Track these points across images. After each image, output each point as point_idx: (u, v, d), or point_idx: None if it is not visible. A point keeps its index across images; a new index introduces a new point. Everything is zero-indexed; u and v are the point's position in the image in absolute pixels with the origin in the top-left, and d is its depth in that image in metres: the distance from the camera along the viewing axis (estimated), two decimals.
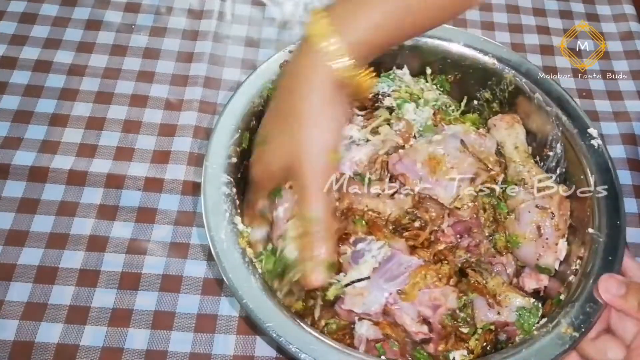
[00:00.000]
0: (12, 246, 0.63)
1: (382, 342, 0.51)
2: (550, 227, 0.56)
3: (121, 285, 0.61)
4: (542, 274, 0.57)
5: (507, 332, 0.54)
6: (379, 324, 0.52)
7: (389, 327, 0.52)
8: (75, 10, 0.83)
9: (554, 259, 0.56)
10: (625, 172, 0.73)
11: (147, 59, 0.79)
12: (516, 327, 0.53)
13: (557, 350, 0.47)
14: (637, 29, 0.89)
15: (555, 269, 0.57)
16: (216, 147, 0.56)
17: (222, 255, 0.50)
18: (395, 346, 0.51)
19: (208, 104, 0.76)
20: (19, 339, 0.57)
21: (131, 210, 0.66)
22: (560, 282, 0.55)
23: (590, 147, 0.58)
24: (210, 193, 0.53)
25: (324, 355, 0.46)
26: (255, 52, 0.82)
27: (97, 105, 0.74)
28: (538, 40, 0.87)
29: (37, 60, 0.77)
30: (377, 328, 0.52)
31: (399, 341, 0.51)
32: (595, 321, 0.49)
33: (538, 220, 0.57)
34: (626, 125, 0.78)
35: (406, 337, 0.52)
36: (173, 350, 0.58)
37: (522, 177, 0.60)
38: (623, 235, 0.53)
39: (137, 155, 0.70)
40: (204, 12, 0.85)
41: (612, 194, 0.55)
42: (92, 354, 0.57)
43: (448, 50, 0.66)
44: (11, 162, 0.68)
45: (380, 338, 0.51)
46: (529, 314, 0.53)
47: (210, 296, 0.61)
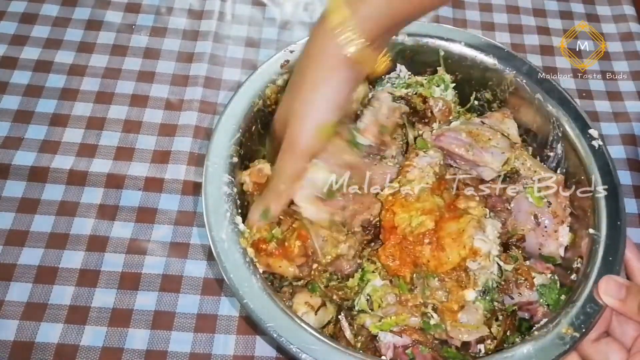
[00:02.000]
0: (12, 246, 0.63)
1: (412, 347, 0.51)
2: (548, 214, 0.56)
3: (121, 285, 0.61)
4: (548, 263, 0.57)
5: (530, 310, 0.54)
6: (405, 331, 0.52)
7: (417, 333, 0.52)
8: (76, 11, 0.83)
9: (556, 246, 0.56)
10: (625, 172, 0.73)
11: (148, 59, 0.79)
12: (540, 303, 0.54)
13: (557, 351, 0.47)
14: (637, 29, 0.89)
15: (560, 256, 0.57)
16: (217, 146, 0.56)
17: (223, 255, 0.50)
18: (425, 351, 0.51)
19: (208, 104, 0.76)
20: (19, 339, 0.57)
21: (131, 210, 0.66)
22: (566, 270, 0.55)
23: (591, 148, 0.58)
24: (211, 193, 0.53)
25: (325, 356, 0.46)
26: (256, 52, 0.82)
27: (97, 105, 0.74)
28: (538, 40, 0.87)
29: (38, 60, 0.77)
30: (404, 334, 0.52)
31: (428, 345, 0.52)
32: (596, 322, 0.49)
33: (534, 210, 0.57)
34: (626, 126, 0.78)
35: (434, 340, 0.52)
36: (173, 350, 0.58)
37: (516, 169, 0.60)
38: (623, 236, 0.53)
39: (137, 155, 0.70)
40: (204, 12, 0.85)
41: (613, 194, 0.55)
42: (92, 354, 0.57)
43: (449, 51, 0.66)
44: (11, 162, 0.68)
45: (408, 344, 0.52)
46: (549, 289, 0.54)
47: (210, 296, 0.61)
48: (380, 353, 0.52)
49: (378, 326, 0.52)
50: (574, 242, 0.57)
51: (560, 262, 0.57)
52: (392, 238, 0.53)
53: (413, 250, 0.52)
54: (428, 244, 0.52)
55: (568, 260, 0.56)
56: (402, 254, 0.53)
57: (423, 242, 0.52)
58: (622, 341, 0.50)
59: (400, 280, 0.53)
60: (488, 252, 0.52)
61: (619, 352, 0.49)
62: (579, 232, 0.57)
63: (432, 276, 0.52)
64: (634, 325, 0.50)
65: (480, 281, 0.52)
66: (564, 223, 0.57)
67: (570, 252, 0.56)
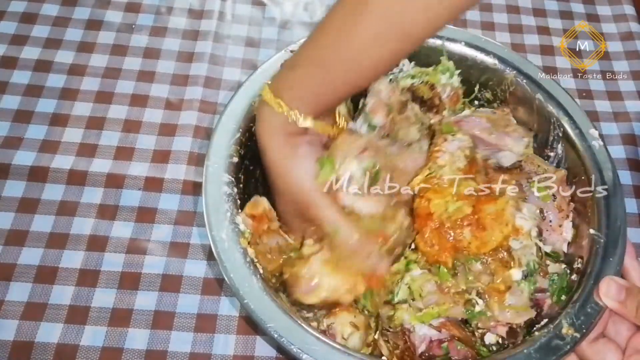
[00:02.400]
0: (12, 246, 0.62)
1: (448, 342, 0.51)
2: (553, 208, 0.56)
3: (121, 285, 0.61)
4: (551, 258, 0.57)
5: (539, 301, 0.53)
6: (445, 325, 0.51)
7: (457, 329, 0.51)
8: (76, 10, 0.83)
9: (561, 242, 0.56)
10: (625, 172, 0.73)
11: (148, 58, 0.79)
12: (550, 292, 0.53)
13: (557, 351, 0.47)
14: (637, 29, 0.89)
15: (563, 252, 0.56)
16: (217, 146, 0.56)
17: (223, 255, 0.50)
18: (461, 346, 0.51)
19: (208, 103, 0.76)
20: (19, 339, 0.57)
21: (131, 210, 0.66)
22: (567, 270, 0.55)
23: (591, 148, 0.58)
24: (212, 192, 0.53)
25: (326, 356, 0.46)
26: (256, 52, 0.82)
27: (97, 104, 0.74)
28: (538, 40, 0.87)
29: (38, 60, 0.77)
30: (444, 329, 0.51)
31: (467, 342, 0.51)
32: (596, 322, 0.49)
33: (539, 204, 0.56)
34: (626, 126, 0.78)
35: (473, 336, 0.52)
36: (173, 350, 0.58)
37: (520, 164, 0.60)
38: (623, 236, 0.53)
39: (137, 154, 0.70)
40: (204, 12, 0.85)
41: (613, 194, 0.55)
42: (92, 354, 0.57)
43: (449, 50, 0.66)
44: (11, 162, 0.68)
45: (444, 338, 0.51)
46: (560, 278, 0.54)
47: (210, 296, 0.61)
48: (413, 346, 0.51)
49: (419, 317, 0.50)
50: (575, 240, 0.57)
51: (563, 258, 0.57)
52: (429, 224, 0.51)
53: (453, 235, 0.51)
54: (468, 225, 0.51)
55: (569, 257, 0.56)
56: (441, 239, 0.51)
57: (463, 225, 0.51)
58: (615, 341, 0.50)
59: (441, 268, 0.51)
60: (529, 230, 0.51)
61: (616, 352, 0.49)
62: (580, 230, 0.56)
63: (475, 259, 0.51)
64: (627, 325, 0.50)
65: (523, 262, 0.51)
66: (569, 218, 0.57)
67: (572, 250, 0.56)
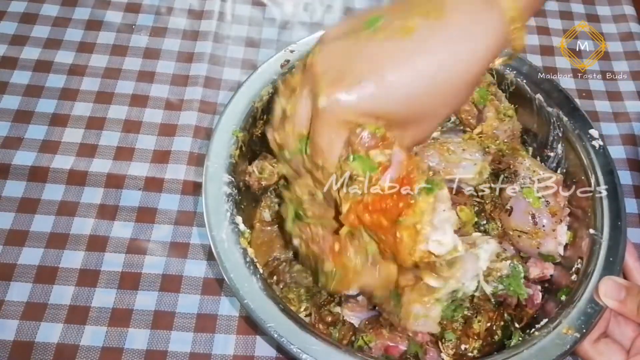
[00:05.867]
0: (12, 246, 0.63)
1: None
2: (547, 213, 0.56)
3: (121, 285, 0.61)
4: (547, 261, 0.57)
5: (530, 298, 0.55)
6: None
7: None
8: (76, 11, 0.83)
9: (555, 245, 0.56)
10: (625, 172, 0.73)
11: (148, 59, 0.79)
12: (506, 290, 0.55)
13: (557, 351, 0.47)
14: (637, 29, 0.89)
15: (560, 255, 0.57)
16: (217, 146, 0.56)
17: (223, 255, 0.50)
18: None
19: (208, 104, 0.76)
20: (19, 339, 0.57)
21: (131, 210, 0.66)
22: (567, 270, 0.55)
23: (591, 148, 0.58)
24: (212, 192, 0.53)
25: (326, 356, 0.46)
26: (256, 52, 0.82)
27: (97, 105, 0.74)
28: (538, 40, 0.87)
29: (38, 60, 0.77)
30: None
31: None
32: (597, 322, 0.49)
33: (532, 210, 0.56)
34: (626, 126, 0.78)
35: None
36: (173, 350, 0.58)
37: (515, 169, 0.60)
38: (624, 236, 0.53)
39: (137, 155, 0.70)
40: (204, 12, 0.85)
41: (613, 194, 0.55)
42: (92, 354, 0.57)
43: None
44: (11, 162, 0.68)
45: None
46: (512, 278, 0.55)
47: (210, 296, 0.61)
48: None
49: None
50: (574, 242, 0.57)
51: (560, 260, 0.57)
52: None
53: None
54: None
55: (568, 260, 0.56)
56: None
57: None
58: (620, 342, 0.50)
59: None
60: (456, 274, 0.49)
61: (619, 353, 0.49)
62: (579, 232, 0.56)
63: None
64: (632, 326, 0.50)
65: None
66: (562, 222, 0.57)
67: (571, 252, 0.56)
